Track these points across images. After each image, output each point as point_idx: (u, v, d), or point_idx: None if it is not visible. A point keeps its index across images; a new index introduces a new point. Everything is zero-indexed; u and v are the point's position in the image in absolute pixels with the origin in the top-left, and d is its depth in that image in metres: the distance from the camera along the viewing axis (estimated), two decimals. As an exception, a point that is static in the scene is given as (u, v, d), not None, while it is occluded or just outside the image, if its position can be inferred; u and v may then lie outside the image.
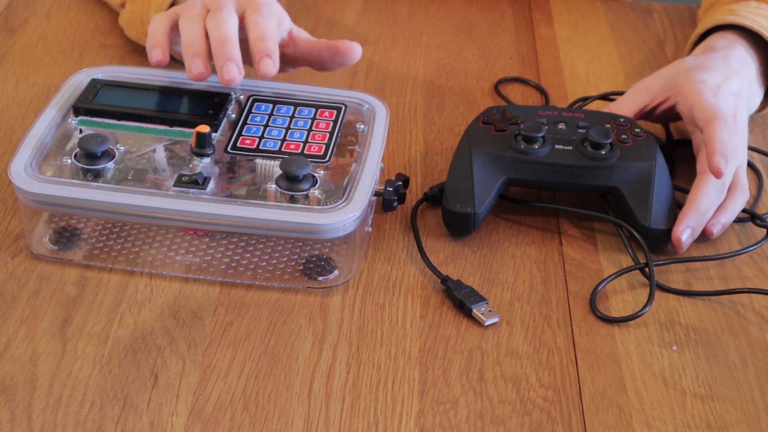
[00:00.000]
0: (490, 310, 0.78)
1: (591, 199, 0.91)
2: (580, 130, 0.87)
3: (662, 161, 0.86)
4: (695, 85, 0.89)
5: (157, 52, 0.85)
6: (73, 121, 0.85)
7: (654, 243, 0.85)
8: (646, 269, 0.83)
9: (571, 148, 0.86)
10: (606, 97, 1.02)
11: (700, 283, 0.83)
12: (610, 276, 0.83)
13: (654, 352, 0.77)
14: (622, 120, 0.88)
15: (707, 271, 0.85)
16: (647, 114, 0.94)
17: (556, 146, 0.86)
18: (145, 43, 0.97)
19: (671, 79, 0.92)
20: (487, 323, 0.77)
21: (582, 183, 0.86)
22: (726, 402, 0.73)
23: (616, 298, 0.81)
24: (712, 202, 0.85)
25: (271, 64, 0.83)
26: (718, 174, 0.83)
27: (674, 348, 0.77)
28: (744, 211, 0.89)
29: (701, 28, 1.00)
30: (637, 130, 0.88)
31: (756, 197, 0.93)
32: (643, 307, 0.79)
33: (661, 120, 0.96)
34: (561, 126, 0.87)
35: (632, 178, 0.85)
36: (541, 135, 0.85)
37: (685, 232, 0.83)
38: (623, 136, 0.86)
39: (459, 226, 0.85)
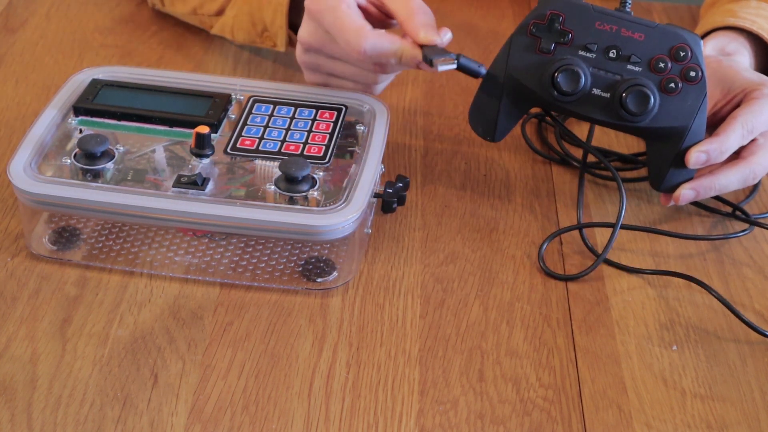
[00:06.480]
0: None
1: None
2: (629, 67, 0.81)
3: (702, 118, 0.82)
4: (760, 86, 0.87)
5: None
6: (73, 121, 0.85)
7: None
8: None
9: (608, 96, 0.82)
10: None
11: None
12: (560, 230, 0.86)
13: (654, 352, 0.77)
14: (682, 54, 0.81)
15: (702, 256, 0.86)
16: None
17: (594, 91, 0.82)
18: (259, 44, 1.01)
19: (729, 83, 0.88)
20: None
21: (610, 128, 0.85)
22: (726, 402, 0.73)
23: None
24: (732, 185, 0.85)
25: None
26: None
27: (674, 348, 0.77)
28: (728, 203, 0.90)
29: (702, 28, 1.00)
30: (693, 73, 0.81)
31: (748, 195, 0.93)
32: (589, 267, 0.82)
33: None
34: (611, 54, 0.82)
35: (660, 140, 0.84)
36: (578, 90, 0.81)
37: (688, 197, 0.84)
38: (671, 84, 0.81)
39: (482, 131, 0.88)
